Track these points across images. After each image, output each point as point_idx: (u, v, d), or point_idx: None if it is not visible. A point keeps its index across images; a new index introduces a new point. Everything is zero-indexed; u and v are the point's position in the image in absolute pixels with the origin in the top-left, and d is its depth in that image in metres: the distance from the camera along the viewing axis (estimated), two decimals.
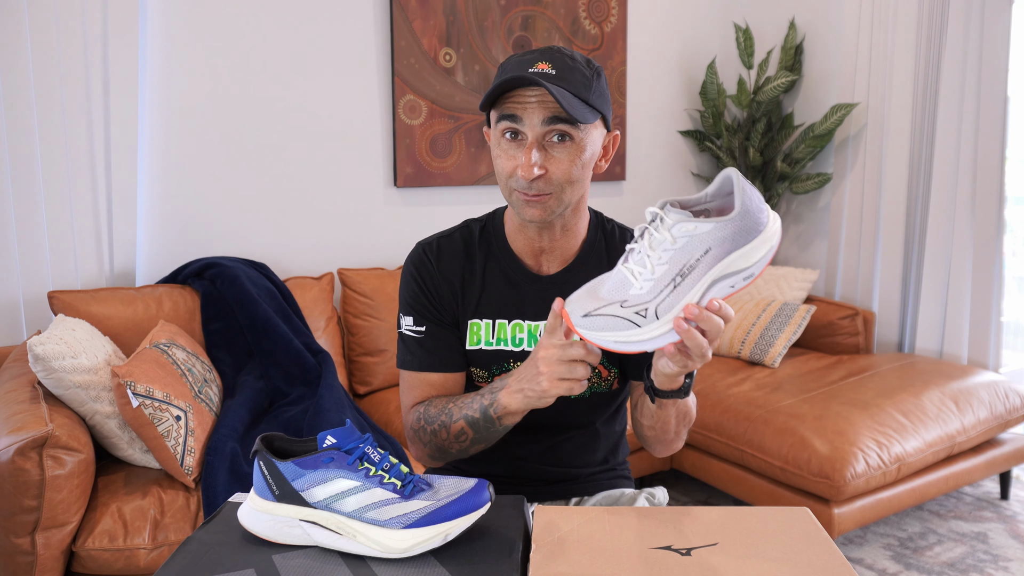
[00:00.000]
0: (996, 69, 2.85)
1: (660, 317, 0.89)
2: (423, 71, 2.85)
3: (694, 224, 0.88)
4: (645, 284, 0.90)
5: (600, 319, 0.90)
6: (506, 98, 1.08)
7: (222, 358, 2.30)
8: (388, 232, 2.90)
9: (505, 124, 1.09)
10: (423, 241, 1.25)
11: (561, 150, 1.09)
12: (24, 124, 2.25)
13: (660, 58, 3.49)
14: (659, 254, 0.90)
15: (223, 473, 1.80)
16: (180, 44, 2.48)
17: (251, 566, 0.87)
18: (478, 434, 1.11)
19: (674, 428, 1.15)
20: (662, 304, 0.89)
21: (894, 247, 3.15)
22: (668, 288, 0.89)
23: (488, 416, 1.08)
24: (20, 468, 1.60)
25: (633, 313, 0.90)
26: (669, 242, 0.89)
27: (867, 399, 2.45)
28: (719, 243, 0.88)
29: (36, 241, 2.31)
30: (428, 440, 1.17)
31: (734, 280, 0.89)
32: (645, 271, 0.90)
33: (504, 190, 1.14)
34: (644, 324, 0.89)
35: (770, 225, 0.90)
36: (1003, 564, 2.33)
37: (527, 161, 1.07)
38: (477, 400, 1.10)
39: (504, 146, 1.11)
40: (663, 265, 0.89)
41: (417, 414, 1.19)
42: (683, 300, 0.89)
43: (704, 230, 0.88)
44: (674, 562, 0.87)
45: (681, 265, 0.89)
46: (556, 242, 1.21)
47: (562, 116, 1.07)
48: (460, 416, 1.12)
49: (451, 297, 1.21)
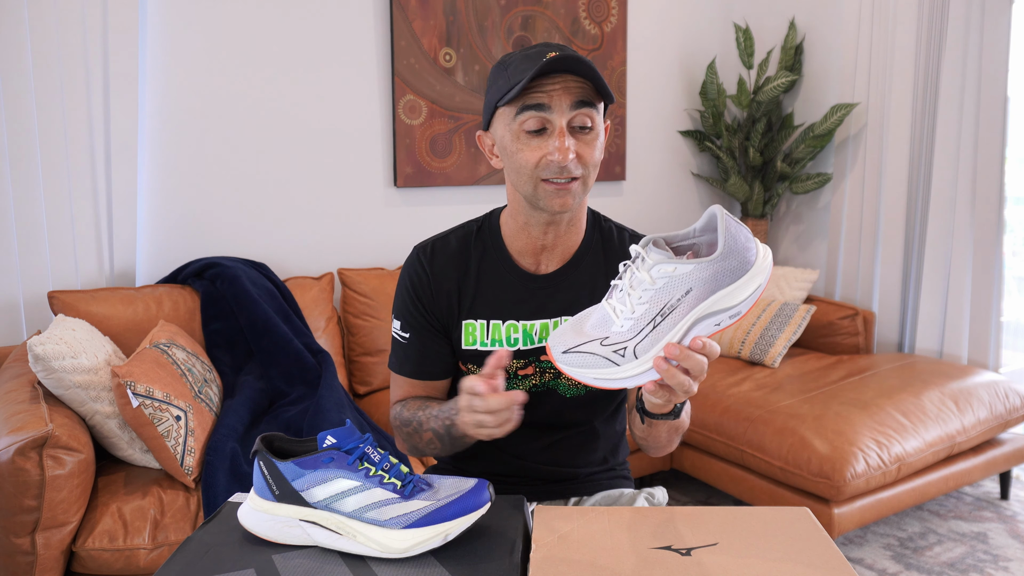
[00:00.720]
0: (996, 69, 2.85)
1: (639, 356, 0.89)
2: (423, 71, 2.85)
3: (674, 265, 0.87)
4: (626, 323, 0.90)
5: (579, 356, 0.90)
6: (526, 91, 1.08)
7: (222, 358, 2.30)
8: (388, 232, 2.90)
9: (530, 115, 1.08)
10: (419, 244, 1.26)
11: (584, 135, 1.11)
12: (24, 124, 2.25)
13: (660, 58, 3.49)
14: (639, 293, 0.89)
15: (223, 473, 1.80)
16: (180, 44, 2.48)
17: (251, 566, 0.87)
18: (445, 446, 1.16)
19: (665, 440, 1.17)
20: (641, 344, 0.89)
21: (894, 247, 3.15)
22: (648, 328, 0.88)
23: (451, 434, 1.12)
24: (20, 468, 1.60)
25: (612, 352, 0.89)
26: (648, 282, 0.88)
27: (867, 399, 2.45)
28: (701, 284, 0.87)
29: (36, 241, 2.31)
30: (406, 438, 1.23)
31: (719, 318, 0.88)
32: (626, 309, 0.90)
33: (527, 184, 1.12)
34: (622, 363, 0.89)
35: (759, 262, 0.88)
36: (1003, 564, 2.33)
37: (562, 145, 1.07)
38: (440, 417, 1.13)
39: (525, 139, 1.10)
40: (643, 304, 0.89)
41: (394, 413, 1.25)
42: (663, 340, 0.88)
43: (684, 271, 0.87)
44: (674, 562, 0.87)
45: (662, 305, 0.88)
46: (560, 238, 1.21)
47: (587, 100, 1.09)
48: (428, 428, 1.16)
49: (445, 301, 1.22)
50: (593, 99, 1.10)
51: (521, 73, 1.07)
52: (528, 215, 1.18)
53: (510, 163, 1.14)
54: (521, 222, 1.20)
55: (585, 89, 1.09)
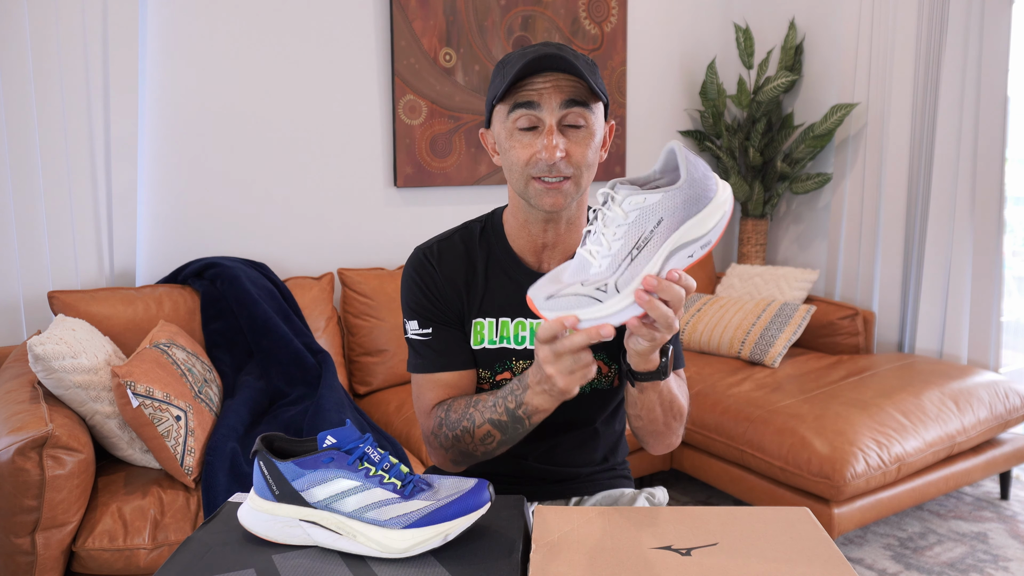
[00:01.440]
0: (996, 69, 2.85)
1: (620, 290, 0.90)
2: (423, 71, 2.85)
3: (643, 196, 0.90)
4: (603, 261, 0.91)
5: (563, 300, 0.91)
6: (518, 88, 1.09)
7: (222, 358, 2.30)
8: (388, 232, 2.90)
9: (521, 112, 1.09)
10: (422, 246, 1.25)
11: (575, 134, 1.11)
12: (24, 124, 2.25)
13: (660, 58, 3.49)
14: (613, 230, 0.91)
15: (223, 473, 1.80)
16: (180, 44, 2.48)
17: (251, 566, 0.87)
18: (505, 435, 1.11)
19: (662, 417, 1.13)
20: (621, 277, 0.90)
21: (894, 247, 3.15)
22: (626, 262, 0.90)
23: (517, 417, 1.08)
24: (20, 468, 1.60)
25: (594, 290, 0.91)
26: (621, 217, 0.90)
27: (867, 399, 2.45)
28: (671, 213, 0.89)
29: (36, 241, 2.31)
30: (450, 446, 1.16)
31: (691, 249, 0.91)
32: (602, 249, 0.92)
33: (519, 182, 1.13)
34: (605, 299, 0.90)
35: (720, 192, 0.91)
36: (1003, 564, 2.33)
37: (549, 143, 1.08)
38: (501, 403, 1.09)
39: (518, 136, 1.11)
40: (618, 241, 0.91)
41: (437, 420, 1.18)
42: (642, 272, 0.90)
43: (653, 200, 0.89)
44: (674, 562, 0.87)
45: (636, 238, 0.90)
46: (560, 237, 1.21)
47: (578, 99, 1.09)
48: (484, 420, 1.11)
49: (456, 298, 1.21)
50: (587, 98, 1.10)
51: (513, 71, 1.08)
52: (527, 213, 1.19)
53: (504, 160, 1.15)
54: (521, 220, 1.20)
55: (577, 88, 1.09)
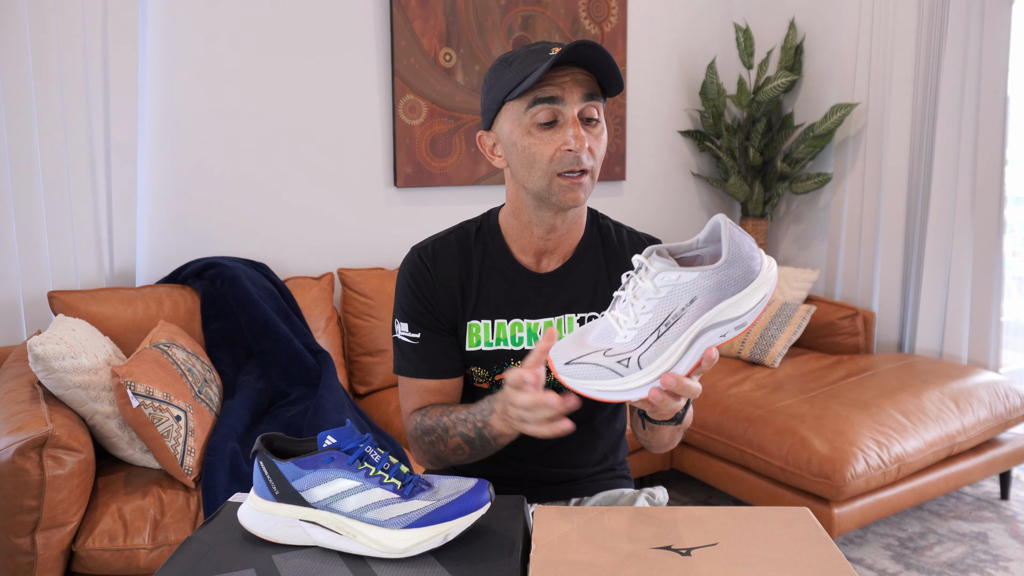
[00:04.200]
0: (996, 69, 2.85)
1: (643, 367, 0.87)
2: (423, 71, 2.85)
3: (677, 273, 0.85)
4: (629, 333, 0.88)
5: (582, 367, 0.88)
6: (537, 84, 1.08)
7: (222, 358, 2.29)
8: (388, 232, 2.90)
9: (542, 107, 1.08)
10: (418, 245, 1.24)
11: (592, 128, 1.11)
12: (24, 124, 2.25)
13: (660, 58, 3.49)
14: (642, 303, 0.87)
15: (223, 473, 1.80)
16: (180, 44, 2.48)
17: (251, 566, 0.87)
18: (475, 451, 1.13)
19: (668, 439, 1.17)
20: (645, 354, 0.87)
21: (894, 247, 3.15)
22: (652, 337, 0.87)
23: (483, 436, 1.10)
24: (20, 468, 1.60)
25: (615, 362, 0.87)
26: (652, 291, 0.87)
27: (867, 399, 2.45)
28: (705, 292, 0.85)
29: (36, 241, 2.30)
30: (427, 449, 1.18)
31: (725, 329, 0.87)
32: (629, 320, 0.88)
33: (542, 179, 1.11)
34: (626, 374, 0.87)
35: (763, 272, 0.87)
36: (1003, 564, 2.33)
37: (578, 133, 1.07)
38: (471, 420, 1.10)
39: (537, 133, 1.10)
40: (647, 314, 0.87)
41: (415, 423, 1.20)
42: (667, 350, 0.87)
43: (688, 279, 0.85)
44: (674, 562, 0.87)
45: (666, 315, 0.86)
46: (562, 237, 1.21)
47: (597, 93, 1.10)
48: (456, 433, 1.13)
49: (449, 301, 1.21)
50: (599, 92, 1.11)
51: (531, 66, 1.07)
52: (532, 214, 1.18)
53: (520, 158, 1.12)
54: (524, 221, 1.19)
55: (592, 82, 1.10)
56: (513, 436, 1.08)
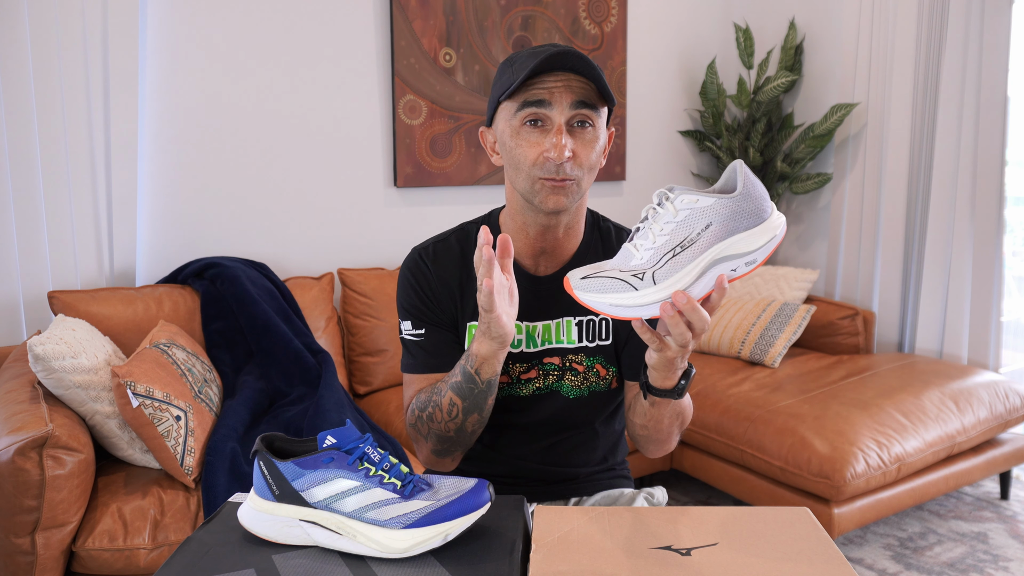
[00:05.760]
0: (996, 69, 2.85)
1: (657, 282, 0.91)
2: (423, 71, 2.85)
3: (696, 196, 0.90)
4: (646, 254, 0.92)
5: (598, 281, 0.92)
6: (529, 86, 1.09)
7: (222, 358, 2.29)
8: (388, 232, 2.90)
9: (530, 111, 1.09)
10: (418, 246, 1.25)
11: (582, 135, 1.11)
12: (24, 124, 2.25)
13: (660, 58, 3.49)
14: (661, 226, 0.92)
15: (223, 473, 1.80)
16: (180, 44, 2.48)
17: (251, 566, 0.87)
18: (466, 401, 1.10)
19: (667, 428, 1.14)
20: (660, 271, 0.91)
21: (894, 247, 3.15)
22: (667, 256, 0.91)
23: (468, 374, 1.08)
24: (20, 468, 1.60)
25: (631, 276, 0.91)
26: (671, 214, 0.91)
27: (867, 399, 2.45)
28: (721, 220, 0.90)
29: (36, 241, 2.30)
30: (427, 432, 1.16)
31: (736, 263, 0.91)
32: (646, 242, 0.92)
33: (525, 181, 1.12)
34: (640, 287, 0.91)
35: (774, 217, 0.92)
36: (1003, 564, 2.33)
37: (559, 142, 1.08)
38: (458, 366, 1.11)
39: (525, 135, 1.10)
40: (664, 236, 0.91)
41: (411, 407, 1.20)
42: (681, 270, 0.90)
43: (706, 203, 0.90)
44: (674, 562, 0.87)
45: (683, 237, 0.91)
46: (558, 242, 1.21)
47: (587, 101, 1.09)
48: (447, 389, 1.11)
49: (449, 301, 1.21)
50: (595, 101, 1.10)
51: (524, 69, 1.08)
52: (526, 215, 1.18)
53: (508, 158, 1.14)
54: (520, 222, 1.20)
55: (587, 90, 1.09)
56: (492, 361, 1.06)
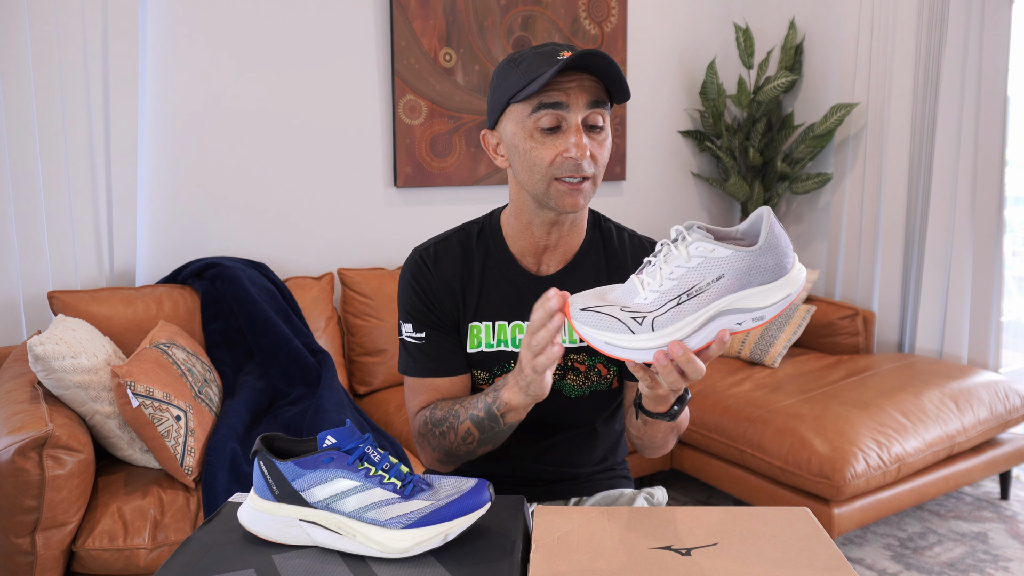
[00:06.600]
0: (996, 69, 2.85)
1: (655, 329, 0.87)
2: (423, 71, 2.85)
3: (712, 246, 0.85)
4: (651, 295, 0.88)
5: (597, 316, 0.89)
6: (543, 88, 1.07)
7: (222, 358, 2.30)
8: (388, 232, 2.90)
9: (547, 112, 1.08)
10: (419, 247, 1.24)
11: (596, 135, 1.11)
12: (24, 124, 2.25)
13: (660, 58, 3.49)
14: (671, 269, 0.88)
15: (223, 473, 1.80)
16: (180, 44, 2.48)
17: (251, 566, 0.87)
18: (484, 434, 1.11)
19: (661, 440, 1.16)
20: (660, 317, 0.87)
21: (894, 247, 3.15)
22: (671, 303, 0.87)
23: (492, 414, 1.08)
24: (20, 468, 1.60)
25: (630, 318, 0.88)
26: (683, 259, 0.87)
27: (867, 399, 2.45)
28: (735, 273, 0.85)
29: (36, 241, 2.31)
30: (436, 444, 1.17)
31: (742, 318, 0.86)
32: (653, 283, 0.89)
33: (540, 183, 1.11)
34: (638, 332, 0.88)
35: (793, 272, 0.87)
36: (1003, 564, 2.33)
37: (580, 141, 1.07)
38: (482, 400, 1.10)
39: (539, 137, 1.09)
40: (672, 280, 0.87)
41: (423, 418, 1.19)
42: (683, 319, 0.87)
43: (721, 255, 0.85)
44: (674, 562, 0.87)
45: (691, 285, 0.86)
46: (563, 239, 1.20)
47: (602, 100, 1.09)
48: (466, 417, 1.11)
49: (451, 302, 1.21)
50: (606, 100, 1.10)
51: (538, 70, 1.06)
52: (532, 215, 1.17)
53: (521, 161, 1.12)
54: (524, 222, 1.19)
55: (598, 89, 1.09)
56: (521, 411, 1.06)
